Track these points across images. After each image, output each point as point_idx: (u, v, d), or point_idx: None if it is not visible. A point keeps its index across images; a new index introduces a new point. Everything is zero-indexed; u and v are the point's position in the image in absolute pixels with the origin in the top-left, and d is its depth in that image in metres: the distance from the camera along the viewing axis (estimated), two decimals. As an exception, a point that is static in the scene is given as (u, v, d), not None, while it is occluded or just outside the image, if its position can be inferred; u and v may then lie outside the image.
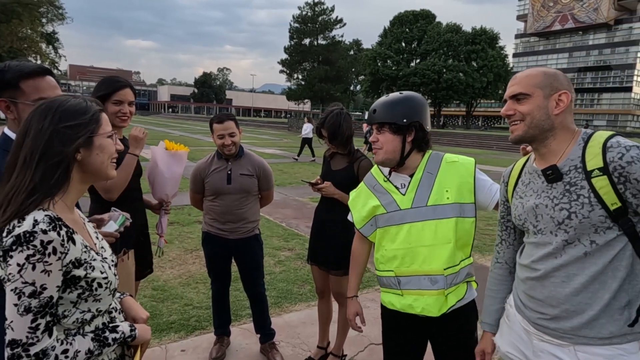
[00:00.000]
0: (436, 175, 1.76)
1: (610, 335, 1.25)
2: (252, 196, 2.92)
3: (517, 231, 1.56)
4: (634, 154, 1.17)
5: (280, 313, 3.72)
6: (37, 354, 0.99)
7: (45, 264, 0.99)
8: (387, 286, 1.85)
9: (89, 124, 1.13)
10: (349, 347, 3.12)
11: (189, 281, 4.29)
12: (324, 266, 2.76)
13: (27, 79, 1.53)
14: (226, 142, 2.73)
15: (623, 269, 1.23)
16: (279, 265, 4.90)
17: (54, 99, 1.14)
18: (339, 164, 2.65)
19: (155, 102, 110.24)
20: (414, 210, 1.74)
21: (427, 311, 1.73)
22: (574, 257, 1.28)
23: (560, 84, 1.33)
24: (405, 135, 1.73)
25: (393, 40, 54.34)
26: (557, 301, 1.32)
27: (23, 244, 0.98)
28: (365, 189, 1.92)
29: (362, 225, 1.90)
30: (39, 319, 1.00)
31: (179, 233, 5.94)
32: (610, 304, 1.24)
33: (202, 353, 3.03)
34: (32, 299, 0.99)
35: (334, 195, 2.57)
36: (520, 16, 76.75)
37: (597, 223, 1.23)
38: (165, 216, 2.63)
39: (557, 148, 1.34)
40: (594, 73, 68.20)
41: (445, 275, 1.70)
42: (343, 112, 2.56)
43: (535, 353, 1.40)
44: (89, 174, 1.17)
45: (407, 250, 1.74)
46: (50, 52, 44.45)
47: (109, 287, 1.17)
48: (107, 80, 2.17)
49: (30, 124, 1.08)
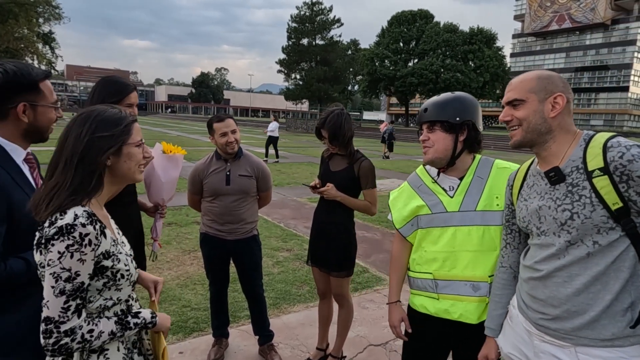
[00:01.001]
0: (487, 180, 1.73)
1: (611, 337, 1.24)
2: (250, 197, 2.90)
3: (521, 234, 1.55)
4: (634, 152, 1.18)
5: (278, 314, 3.70)
6: (67, 331, 1.14)
7: (82, 253, 1.14)
8: (421, 288, 1.80)
9: (120, 135, 1.25)
10: (348, 348, 3.11)
11: (186, 282, 4.27)
12: (325, 268, 2.74)
13: (44, 81, 1.52)
14: (230, 139, 2.71)
15: (626, 270, 1.23)
16: (278, 266, 4.88)
17: (94, 108, 1.27)
18: (339, 165, 2.63)
19: (153, 102, 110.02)
20: (461, 214, 1.71)
21: (466, 317, 1.69)
22: (576, 257, 1.28)
23: (555, 87, 1.33)
24: (458, 134, 1.69)
25: (391, 40, 54.35)
26: (559, 301, 1.31)
27: (65, 235, 1.12)
28: (409, 188, 1.87)
29: (402, 225, 1.85)
30: (71, 301, 1.14)
31: (176, 234, 5.91)
32: (612, 305, 1.23)
33: (200, 355, 3.01)
34: (67, 283, 1.13)
35: (336, 197, 2.54)
36: (518, 16, 76.97)
37: (599, 223, 1.23)
38: (160, 220, 2.59)
39: (558, 150, 1.34)
40: (591, 73, 68.43)
41: (488, 283, 1.67)
42: (344, 113, 2.54)
43: (537, 354, 1.39)
44: (117, 177, 1.30)
45: (449, 254, 1.71)
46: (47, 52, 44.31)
47: (130, 279, 1.30)
48: (116, 82, 2.14)
49: (71, 130, 1.22)
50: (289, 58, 56.10)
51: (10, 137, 1.49)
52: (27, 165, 1.56)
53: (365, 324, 3.54)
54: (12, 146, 1.50)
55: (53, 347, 1.13)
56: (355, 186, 2.57)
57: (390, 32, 55.21)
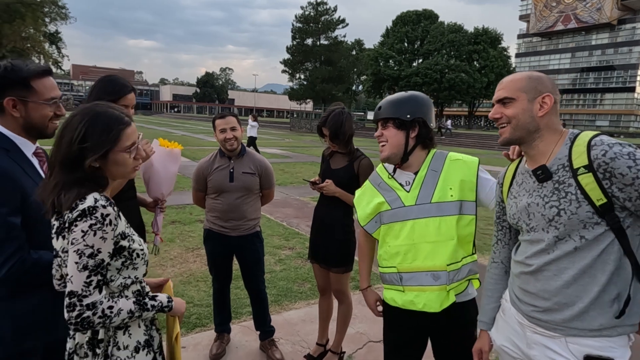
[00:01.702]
0: (440, 173, 1.79)
1: (600, 327, 1.28)
2: (253, 194, 2.96)
3: (512, 231, 1.59)
4: (616, 150, 1.22)
5: (280, 311, 3.75)
6: (89, 305, 1.21)
7: (103, 232, 1.23)
8: (389, 282, 1.87)
9: (105, 144, 1.29)
10: (348, 344, 3.15)
11: (189, 279, 4.32)
12: (324, 264, 2.78)
13: (39, 78, 1.55)
14: (227, 135, 2.77)
15: (612, 263, 1.27)
16: (280, 263, 4.92)
17: (90, 109, 1.31)
18: (339, 162, 2.68)
19: (158, 102, 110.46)
20: (417, 207, 1.76)
21: (429, 307, 1.75)
22: (564, 252, 1.32)
23: (544, 87, 1.38)
24: (409, 130, 1.77)
25: (395, 40, 54.32)
26: (549, 294, 1.35)
27: (87, 215, 1.21)
28: (370, 186, 1.94)
29: (367, 222, 1.92)
30: (93, 276, 1.22)
31: (180, 232, 5.97)
32: (600, 296, 1.28)
33: (202, 350, 3.06)
34: (90, 259, 1.21)
35: (335, 193, 2.60)
36: (523, 16, 76.64)
37: (585, 219, 1.27)
38: (160, 214, 2.64)
39: (545, 149, 1.39)
40: (596, 73, 68.04)
41: (447, 272, 1.73)
42: (345, 112, 2.59)
43: (529, 345, 1.44)
44: (111, 175, 1.36)
45: (410, 247, 1.77)
46: (53, 51, 44.61)
47: (144, 258, 1.41)
48: (114, 82, 2.12)
49: (66, 132, 1.28)
50: (293, 58, 56.12)
51: (16, 131, 1.56)
52: (37, 158, 1.62)
53: (365, 320, 3.58)
54: (21, 140, 1.57)
55: (76, 319, 1.20)
56: (355, 183, 2.61)
57: (394, 32, 55.19)
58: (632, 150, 1.22)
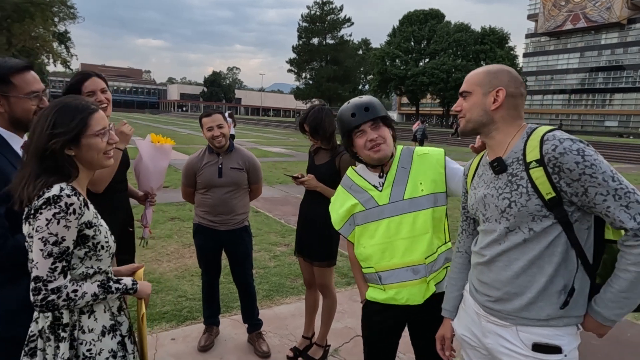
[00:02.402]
0: (410, 170, 1.83)
1: (547, 318, 1.32)
2: (242, 189, 3.01)
3: (475, 222, 1.63)
4: (566, 146, 1.25)
5: (271, 305, 3.80)
6: (54, 289, 1.28)
7: (67, 220, 1.28)
8: (370, 281, 1.91)
9: (75, 128, 1.34)
10: (336, 338, 3.20)
11: (184, 274, 4.39)
12: (309, 258, 2.84)
13: (18, 74, 1.61)
14: (215, 133, 2.83)
15: (558, 255, 1.31)
16: (274, 259, 4.98)
17: (57, 102, 1.38)
18: (322, 158, 2.73)
19: (165, 101, 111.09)
20: (392, 205, 1.80)
21: (412, 300, 1.79)
22: (514, 243, 1.36)
23: (499, 82, 1.40)
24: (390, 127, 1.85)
25: (402, 39, 54.19)
26: (501, 284, 1.39)
27: (51, 204, 1.27)
28: (342, 190, 1.97)
29: (341, 225, 1.94)
30: (57, 262, 1.28)
31: (178, 228, 6.05)
32: (547, 287, 1.32)
33: (191, 342, 3.12)
34: (54, 246, 1.27)
35: (316, 188, 2.65)
36: (531, 15, 76.00)
37: (533, 211, 1.30)
38: (150, 208, 2.72)
39: (502, 141, 1.43)
40: (605, 73, 67.29)
41: (426, 264, 1.77)
42: (324, 108, 2.64)
43: (484, 334, 1.48)
44: (85, 164, 1.41)
45: (387, 245, 1.79)
46: (62, 51, 45.06)
47: (109, 251, 1.45)
48: (75, 75, 2.24)
49: (37, 124, 1.35)
50: (299, 57, 56.22)
51: (3, 125, 1.63)
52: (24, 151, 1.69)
53: (354, 316, 3.62)
54: (8, 134, 1.64)
55: (41, 302, 1.27)
56: (337, 178, 2.63)
57: (401, 32, 55.06)
58: (582, 146, 1.25)
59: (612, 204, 1.22)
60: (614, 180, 1.22)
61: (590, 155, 1.23)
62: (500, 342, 1.42)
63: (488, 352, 1.49)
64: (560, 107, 70.50)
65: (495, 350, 1.44)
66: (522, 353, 1.35)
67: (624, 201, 1.21)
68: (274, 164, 14.36)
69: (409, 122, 75.17)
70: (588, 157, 1.23)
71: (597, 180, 1.22)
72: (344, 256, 5.25)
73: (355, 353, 3.06)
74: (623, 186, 1.22)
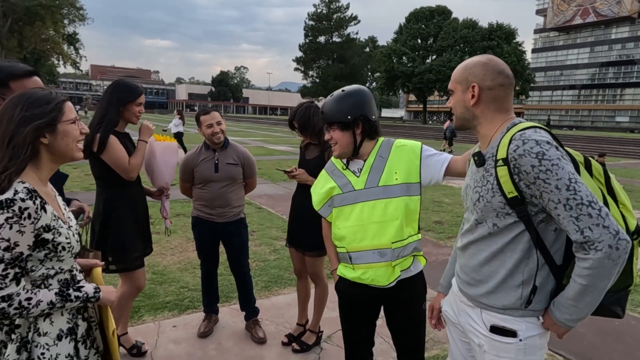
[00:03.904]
0: (387, 159, 1.94)
1: (504, 307, 1.41)
2: (237, 183, 3.16)
3: None
4: (527, 148, 1.25)
5: (269, 296, 3.95)
6: (4, 297, 1.21)
7: (21, 225, 1.22)
8: (341, 260, 2.05)
9: (51, 112, 1.32)
10: (329, 326, 3.33)
11: (187, 267, 4.56)
12: (300, 248, 2.98)
13: (16, 80, 1.68)
14: (215, 129, 2.97)
15: (519, 252, 1.36)
16: (274, 253, 5.13)
17: (24, 92, 1.34)
18: (312, 153, 2.88)
19: (174, 101, 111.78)
20: (366, 191, 1.92)
21: (377, 281, 1.91)
22: (481, 235, 1.45)
23: (474, 77, 1.42)
24: (354, 129, 1.91)
25: (408, 36, 54.02)
26: (469, 269, 1.51)
27: (4, 208, 1.20)
28: (325, 174, 2.11)
29: (320, 206, 2.08)
30: (9, 269, 1.22)
31: (183, 224, 6.23)
32: (507, 280, 1.39)
33: (191, 329, 3.28)
34: (6, 252, 1.21)
35: (307, 181, 2.79)
36: (540, 10, 75.24)
37: (497, 208, 1.36)
38: (167, 201, 2.98)
39: (486, 135, 1.46)
40: (616, 68, 66.40)
41: (392, 249, 1.88)
42: (312, 106, 2.79)
43: (459, 312, 1.61)
44: (57, 155, 1.37)
45: (359, 227, 1.92)
46: (71, 52, 45.70)
47: (71, 251, 1.39)
48: (131, 85, 2.59)
49: (4, 113, 1.29)
50: (306, 56, 56.35)
51: None
52: None
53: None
54: None
55: None
56: (327, 171, 2.79)
57: (408, 29, 54.86)
58: (543, 150, 1.23)
59: (562, 213, 1.21)
60: (568, 190, 1.19)
61: (549, 160, 1.21)
62: (469, 320, 1.54)
63: (462, 329, 1.61)
64: (570, 102, 69.71)
65: (465, 328, 1.57)
66: (483, 333, 1.46)
67: (574, 212, 1.19)
68: (279, 162, 14.51)
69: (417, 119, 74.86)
70: (545, 162, 1.21)
71: (549, 186, 1.21)
72: (342, 250, 5.39)
73: (347, 339, 3.19)
74: (577, 197, 1.19)
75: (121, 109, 2.53)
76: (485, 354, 1.46)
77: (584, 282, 1.22)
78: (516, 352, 1.39)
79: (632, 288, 1.38)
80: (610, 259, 1.17)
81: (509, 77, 1.42)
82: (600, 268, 1.19)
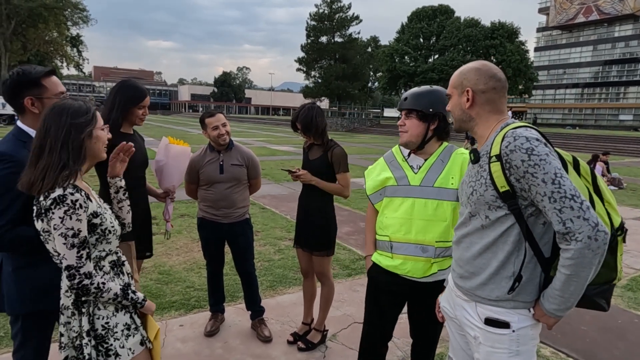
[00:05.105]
0: (446, 163, 2.02)
1: (496, 299, 1.47)
2: (242, 184, 3.20)
3: None
4: (517, 144, 1.34)
5: (274, 295, 4.00)
6: (86, 273, 1.47)
7: (77, 215, 1.45)
8: (380, 249, 2.11)
9: (91, 121, 1.56)
10: (335, 324, 3.38)
11: (192, 267, 4.61)
12: (307, 248, 3.02)
13: (47, 77, 1.84)
14: (221, 131, 3.01)
15: (510, 244, 1.43)
16: (279, 253, 5.18)
17: (61, 103, 1.55)
18: (315, 153, 2.92)
19: (176, 102, 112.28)
20: (421, 188, 2.00)
21: (412, 273, 1.99)
22: (474, 228, 1.52)
23: (467, 81, 1.53)
24: (430, 123, 1.98)
25: (411, 36, 53.93)
26: (463, 262, 1.57)
27: (60, 203, 1.43)
28: (383, 162, 2.18)
29: (372, 192, 2.15)
30: (81, 250, 1.47)
31: (188, 224, 6.28)
32: (499, 272, 1.46)
33: (198, 328, 3.33)
34: (74, 238, 1.45)
35: (311, 181, 2.83)
36: (542, 9, 74.98)
37: (489, 201, 1.44)
38: (171, 204, 3.00)
39: (482, 134, 1.57)
40: (619, 66, 66.12)
41: (435, 247, 1.96)
42: (315, 107, 2.84)
43: (455, 306, 1.66)
44: (89, 157, 1.59)
45: (406, 220, 2.00)
46: (74, 54, 45.92)
47: (115, 233, 1.64)
48: (136, 87, 2.57)
49: (49, 121, 1.50)
50: (308, 56, 56.27)
51: (34, 126, 1.81)
52: None
53: (353, 304, 3.80)
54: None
55: (77, 286, 1.46)
56: (331, 172, 2.84)
57: (410, 28, 54.77)
58: (533, 146, 1.32)
59: (547, 205, 1.29)
60: (554, 183, 1.28)
61: (537, 155, 1.30)
62: (464, 314, 1.59)
63: (459, 323, 1.66)
64: (573, 101, 69.48)
65: (462, 321, 1.62)
66: (478, 325, 1.52)
67: (558, 204, 1.27)
68: (282, 162, 14.56)
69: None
70: (534, 157, 1.30)
71: (537, 180, 1.30)
72: (346, 249, 5.44)
73: (352, 338, 3.23)
74: (561, 190, 1.27)
75: (125, 112, 2.54)
76: (481, 345, 1.51)
77: (567, 272, 1.30)
78: (509, 342, 1.46)
79: (616, 282, 1.46)
80: (590, 249, 1.25)
81: (501, 80, 1.52)
82: (581, 258, 1.26)
